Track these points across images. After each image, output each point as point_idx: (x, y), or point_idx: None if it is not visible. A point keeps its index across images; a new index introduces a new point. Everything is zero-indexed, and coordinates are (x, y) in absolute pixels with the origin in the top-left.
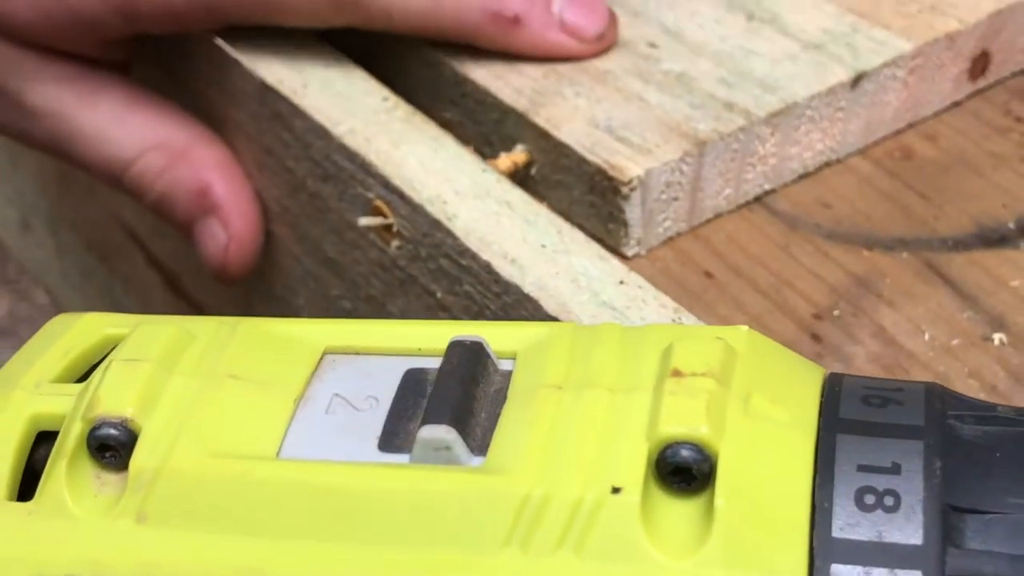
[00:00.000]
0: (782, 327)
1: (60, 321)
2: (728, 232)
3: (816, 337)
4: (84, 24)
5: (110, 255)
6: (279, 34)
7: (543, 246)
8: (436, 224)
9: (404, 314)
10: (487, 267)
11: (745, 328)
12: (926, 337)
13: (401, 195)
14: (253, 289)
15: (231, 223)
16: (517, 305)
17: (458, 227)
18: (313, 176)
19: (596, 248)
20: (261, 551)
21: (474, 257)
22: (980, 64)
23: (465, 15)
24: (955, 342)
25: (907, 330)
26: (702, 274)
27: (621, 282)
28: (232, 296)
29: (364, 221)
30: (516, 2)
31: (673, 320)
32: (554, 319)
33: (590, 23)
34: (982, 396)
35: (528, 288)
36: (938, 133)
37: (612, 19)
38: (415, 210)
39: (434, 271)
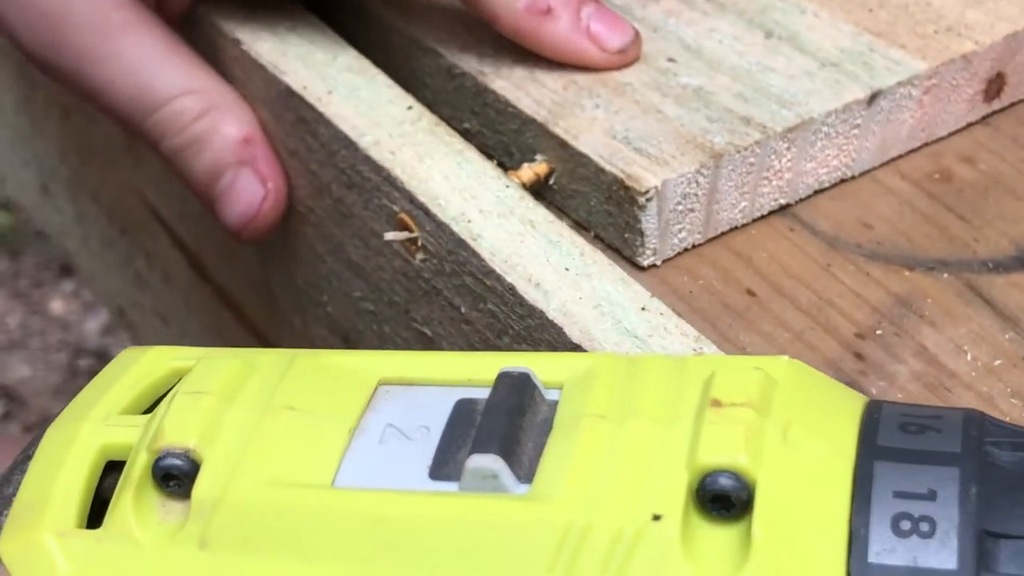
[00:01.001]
0: (825, 345)
1: (128, 354)
2: (770, 251)
3: (859, 356)
4: None
5: (132, 228)
6: (304, 38)
7: (566, 269)
8: (461, 243)
9: (427, 322)
10: (511, 290)
11: (786, 358)
12: (968, 357)
13: (426, 211)
14: (275, 279)
15: (270, 177)
16: (540, 329)
17: (483, 248)
18: (338, 183)
19: (619, 272)
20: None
21: (499, 279)
22: (995, 86)
23: None
24: (997, 362)
25: (949, 350)
26: (744, 292)
27: (643, 308)
28: (254, 283)
29: (390, 236)
30: None
31: (694, 349)
32: (577, 346)
33: (614, 35)
34: None
35: (552, 314)
36: (977, 156)
37: (636, 37)
38: (440, 227)
39: (458, 287)
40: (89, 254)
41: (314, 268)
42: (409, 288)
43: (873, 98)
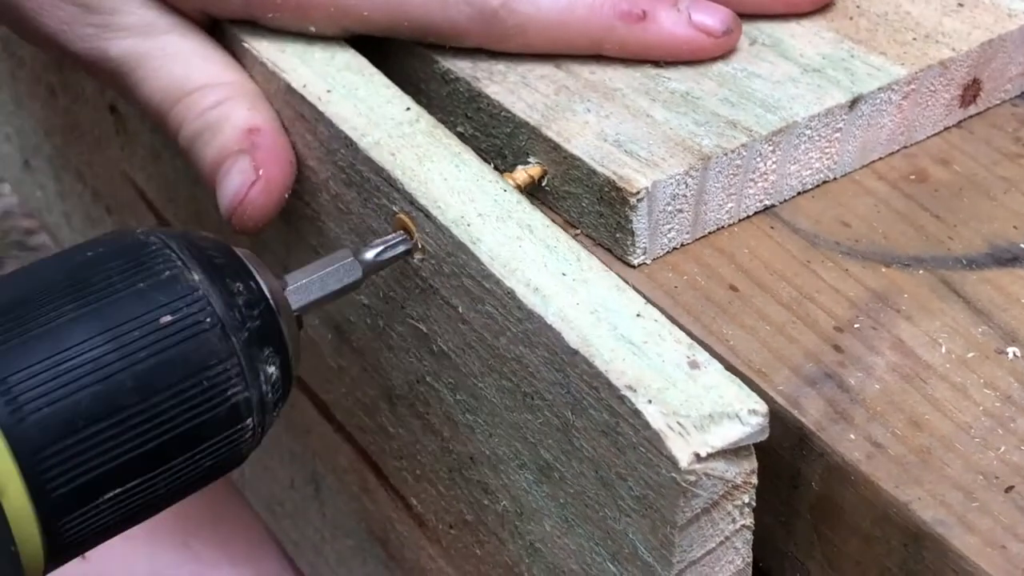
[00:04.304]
0: (805, 338)
1: None
2: (752, 248)
3: (838, 348)
4: None
5: (118, 209)
6: (303, 36)
7: (563, 274)
8: (461, 247)
9: (423, 319)
10: (510, 294)
11: None
12: (943, 350)
13: (426, 214)
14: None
15: (265, 166)
16: (539, 332)
17: (482, 251)
18: (336, 180)
19: (614, 278)
20: None
21: (498, 283)
22: (972, 91)
23: (596, 17)
24: (970, 355)
25: (924, 343)
26: (727, 288)
27: (638, 315)
28: None
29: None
30: (643, 0)
31: (687, 356)
32: (575, 351)
33: (717, 20)
34: (998, 406)
35: (551, 319)
36: (951, 158)
37: (735, 17)
38: (440, 230)
39: (456, 287)
40: (71, 230)
41: (307, 260)
42: (406, 285)
43: (854, 103)
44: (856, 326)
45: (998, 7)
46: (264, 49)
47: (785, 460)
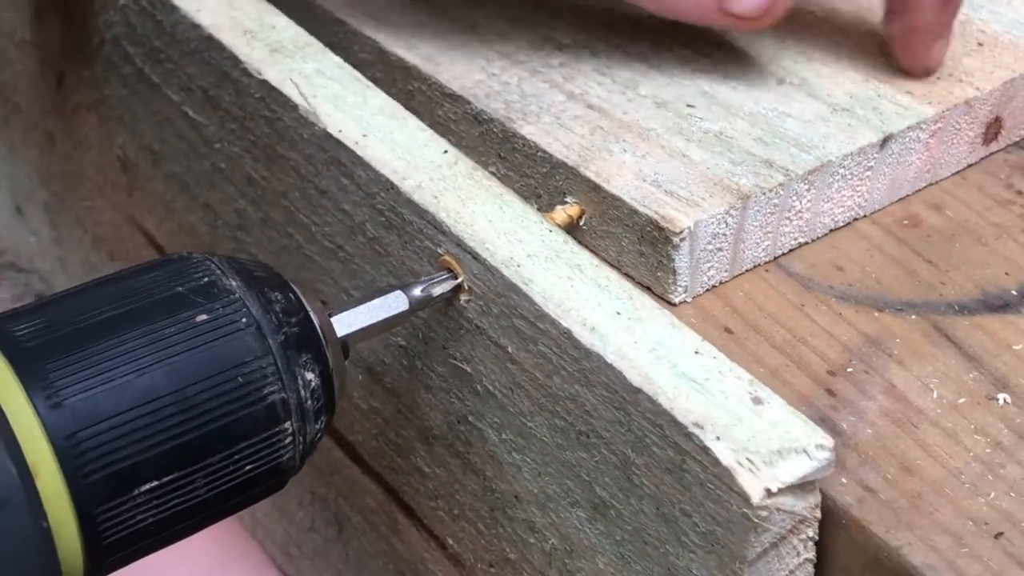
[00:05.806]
0: (798, 381)
1: None
2: (746, 291)
3: (831, 392)
4: None
5: (122, 255)
6: (333, 80)
7: (618, 313)
8: (512, 287)
9: (468, 359)
10: (567, 333)
11: None
12: (934, 395)
13: (474, 255)
14: None
15: None
16: (598, 371)
17: (535, 292)
18: (374, 223)
19: (668, 316)
20: None
21: (553, 323)
22: (994, 129)
23: None
24: (961, 400)
25: (916, 388)
26: (722, 329)
27: (697, 352)
28: None
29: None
30: None
31: (748, 392)
32: (638, 389)
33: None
34: (988, 452)
35: (611, 358)
36: (944, 204)
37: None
38: (489, 271)
39: (506, 328)
40: (68, 276)
41: (337, 302)
42: (448, 326)
43: (885, 142)
44: (849, 370)
45: (1017, 47)
46: (296, 95)
47: None
